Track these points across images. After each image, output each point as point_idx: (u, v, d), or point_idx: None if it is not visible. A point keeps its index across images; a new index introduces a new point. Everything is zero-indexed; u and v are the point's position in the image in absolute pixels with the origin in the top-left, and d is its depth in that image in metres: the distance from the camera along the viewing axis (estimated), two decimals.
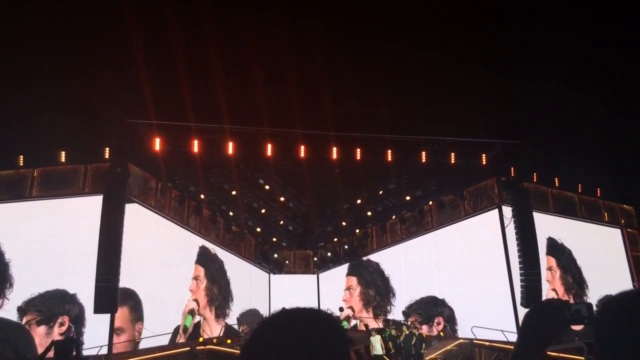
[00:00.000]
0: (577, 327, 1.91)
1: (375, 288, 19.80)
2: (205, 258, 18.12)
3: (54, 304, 13.80)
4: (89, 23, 13.26)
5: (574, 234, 18.89)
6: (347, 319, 19.48)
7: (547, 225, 18.07)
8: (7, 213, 14.28)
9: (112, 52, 13.79)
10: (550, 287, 17.92)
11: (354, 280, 20.32)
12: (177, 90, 14.36)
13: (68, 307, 13.84)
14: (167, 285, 16.39)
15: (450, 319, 17.99)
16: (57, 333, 13.56)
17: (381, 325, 18.25)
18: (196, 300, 17.24)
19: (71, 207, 14.70)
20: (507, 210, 16.49)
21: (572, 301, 17.69)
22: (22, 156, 14.40)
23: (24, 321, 13.65)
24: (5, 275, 13.73)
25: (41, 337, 13.54)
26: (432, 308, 18.47)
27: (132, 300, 15.09)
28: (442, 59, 14.99)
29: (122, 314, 14.33)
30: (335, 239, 21.19)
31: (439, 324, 17.79)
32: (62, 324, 13.66)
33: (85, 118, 13.89)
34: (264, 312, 19.17)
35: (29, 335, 13.45)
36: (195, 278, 17.58)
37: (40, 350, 12.78)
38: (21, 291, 13.75)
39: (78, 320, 13.85)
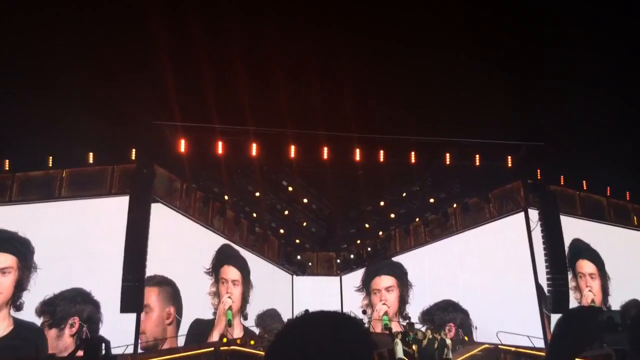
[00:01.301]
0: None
1: (407, 289, 19.64)
2: (238, 260, 18.27)
3: (65, 306, 13.97)
4: (116, 27, 13.50)
5: (601, 238, 18.51)
6: (386, 314, 19.33)
7: (574, 229, 17.75)
8: (37, 213, 14.58)
9: (139, 55, 14.02)
10: (587, 293, 17.56)
11: (392, 280, 20.05)
12: (201, 92, 14.53)
13: (78, 307, 13.99)
14: (191, 284, 16.57)
15: (463, 324, 17.76)
16: (67, 334, 13.72)
17: (404, 328, 18.12)
18: (231, 299, 17.41)
19: (98, 207, 14.95)
20: (534, 214, 16.24)
21: (603, 307, 17.43)
22: (51, 157, 14.68)
23: (39, 323, 13.88)
24: (31, 275, 14.01)
25: (52, 339, 13.76)
26: (443, 314, 18.28)
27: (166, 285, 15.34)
28: (466, 60, 14.87)
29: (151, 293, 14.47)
30: (359, 241, 21.11)
31: (450, 330, 17.55)
32: (72, 325, 13.83)
33: (112, 120, 14.13)
34: (284, 313, 19.22)
35: (44, 337, 13.67)
36: (233, 282, 17.71)
37: (51, 351, 13.06)
38: (45, 290, 13.99)
39: (91, 319, 13.98)
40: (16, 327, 13.62)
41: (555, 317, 15.30)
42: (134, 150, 14.93)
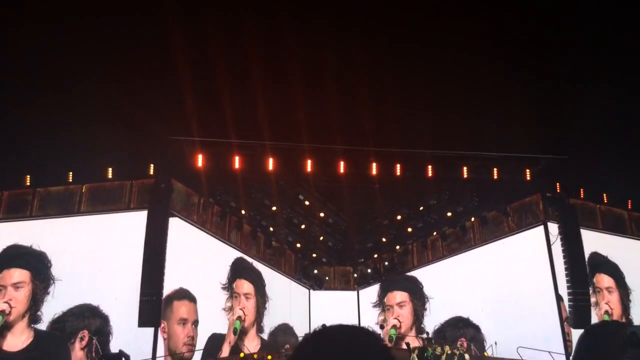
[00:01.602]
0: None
1: (422, 304, 19.40)
2: (250, 273, 18.25)
3: (73, 321, 14.07)
4: (135, 41, 13.70)
5: (623, 252, 18.20)
6: (394, 328, 19.12)
7: (595, 243, 17.47)
8: (56, 228, 14.76)
9: (157, 70, 14.20)
10: (605, 308, 17.23)
11: (405, 295, 19.87)
12: (219, 107, 14.65)
13: (87, 321, 14.09)
14: (209, 299, 16.59)
15: (475, 339, 17.48)
16: (78, 348, 13.81)
17: (421, 344, 17.89)
18: (243, 312, 17.39)
19: (117, 222, 15.08)
20: (553, 227, 16.04)
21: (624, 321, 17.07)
22: (71, 173, 14.89)
23: None
24: (48, 289, 14.16)
25: None
26: (454, 330, 18.03)
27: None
28: (484, 71, 14.80)
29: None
30: (376, 255, 20.99)
31: (462, 345, 17.26)
32: (82, 339, 13.90)
33: (130, 135, 14.31)
34: (300, 328, 19.08)
35: (65, 343, 13.80)
36: (246, 295, 17.69)
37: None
38: (63, 303, 14.13)
39: (100, 332, 14.06)
40: (36, 339, 13.73)
41: (576, 333, 15.03)
42: (152, 165, 15.08)
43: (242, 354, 15.94)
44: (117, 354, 9.40)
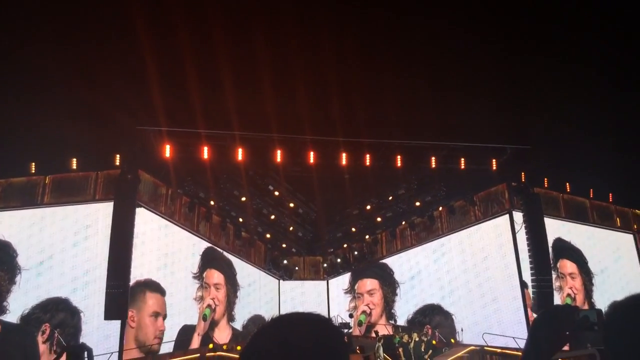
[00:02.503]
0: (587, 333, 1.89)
1: (392, 290, 19.67)
2: (221, 263, 18.21)
3: (38, 314, 13.82)
4: (99, 30, 13.40)
5: (585, 239, 18.76)
6: (364, 314, 19.35)
7: (558, 231, 17.97)
8: (18, 220, 14.39)
9: (123, 59, 13.92)
10: (567, 292, 17.74)
11: (375, 282, 20.10)
12: (186, 97, 14.47)
13: (50, 314, 13.83)
14: (178, 290, 16.48)
15: (441, 325, 17.82)
16: (40, 342, 13.57)
17: (391, 331, 18.14)
18: (213, 301, 17.34)
19: (82, 213, 14.80)
20: (518, 216, 16.40)
21: (586, 307, 17.64)
22: (33, 163, 14.51)
23: None
24: (14, 279, 13.83)
25: None
26: (422, 317, 18.38)
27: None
28: (451, 64, 14.97)
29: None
30: (345, 245, 21.14)
31: (427, 332, 17.60)
32: (43, 332, 13.67)
33: (95, 125, 14.01)
34: (269, 318, 19.13)
35: (33, 335, 13.54)
36: (215, 285, 17.64)
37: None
38: (27, 298, 13.82)
39: (63, 325, 13.83)
40: (4, 331, 13.41)
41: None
42: (118, 155, 14.81)
43: (210, 345, 15.88)
44: (79, 346, 9.23)
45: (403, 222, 20.07)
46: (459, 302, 18.11)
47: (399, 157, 16.05)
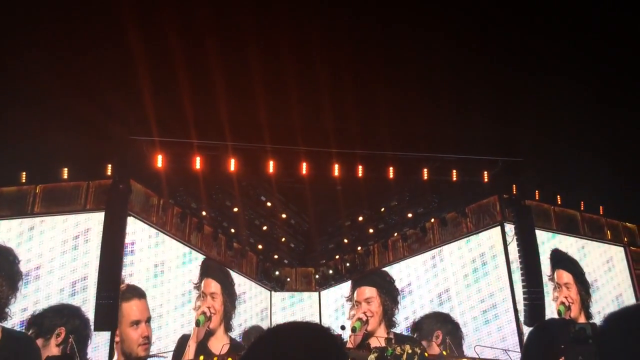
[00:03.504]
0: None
1: (392, 298, 19.53)
2: (217, 272, 18.15)
3: (52, 317, 13.78)
4: (91, 39, 13.36)
5: (576, 252, 18.84)
6: (360, 321, 19.20)
7: (549, 243, 18.04)
8: (9, 230, 14.27)
9: (115, 68, 13.89)
10: (567, 303, 17.75)
11: (372, 290, 19.96)
12: (179, 107, 14.42)
13: (65, 319, 13.78)
14: (170, 301, 16.38)
15: (452, 334, 17.73)
16: (53, 344, 13.47)
17: (384, 344, 18.05)
18: (210, 309, 17.24)
19: (72, 223, 14.70)
20: (510, 228, 16.45)
21: (584, 318, 17.67)
22: (24, 173, 14.42)
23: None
24: (17, 285, 13.71)
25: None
26: (433, 323, 18.22)
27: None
28: (443, 75, 15.04)
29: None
30: (337, 256, 21.09)
31: (437, 337, 17.53)
32: (58, 335, 13.57)
33: (87, 135, 13.95)
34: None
35: (35, 344, 13.39)
36: (211, 295, 17.57)
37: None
38: (24, 306, 13.70)
39: (77, 332, 13.73)
40: (4, 338, 13.23)
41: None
42: (109, 165, 14.75)
43: (201, 357, 15.75)
44: (62, 357, 9.18)
45: (395, 234, 20.06)
46: (452, 311, 18.05)
47: (391, 168, 16.08)
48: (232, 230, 19.02)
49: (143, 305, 15.57)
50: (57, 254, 14.35)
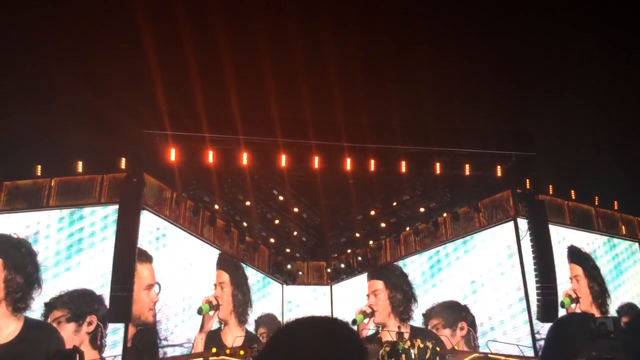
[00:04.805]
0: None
1: (402, 292, 19.52)
2: (228, 264, 18.30)
3: (83, 303, 13.83)
4: (105, 35, 13.45)
5: (590, 247, 18.71)
6: (363, 314, 19.27)
7: (563, 238, 17.91)
8: (25, 222, 14.42)
9: (129, 63, 13.97)
10: (574, 296, 17.66)
11: (379, 283, 20.01)
12: (192, 101, 14.50)
13: (97, 306, 13.87)
14: (186, 294, 16.53)
15: (473, 326, 17.67)
16: (84, 331, 13.58)
17: (395, 338, 18.06)
18: (215, 299, 17.35)
19: (87, 216, 14.84)
20: (523, 223, 16.33)
21: (596, 311, 17.55)
22: (39, 166, 14.57)
23: (51, 318, 13.61)
24: (35, 276, 13.82)
25: (69, 333, 13.53)
26: (455, 312, 18.13)
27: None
28: (457, 69, 14.96)
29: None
30: (349, 250, 21.11)
31: (462, 328, 17.49)
32: (90, 323, 13.69)
33: (102, 129, 14.05)
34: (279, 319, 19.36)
35: (57, 333, 13.45)
36: (220, 284, 17.74)
37: (68, 347, 12.71)
38: (42, 295, 13.83)
39: (104, 321, 13.87)
40: (25, 329, 13.30)
41: (544, 326, 15.37)
42: (123, 159, 14.86)
43: (214, 349, 15.87)
44: (71, 349, 9.23)
45: (407, 228, 20.03)
46: (469, 304, 17.98)
47: (403, 162, 16.01)
48: (245, 224, 19.10)
49: (152, 270, 15.55)
50: (72, 248, 14.49)
